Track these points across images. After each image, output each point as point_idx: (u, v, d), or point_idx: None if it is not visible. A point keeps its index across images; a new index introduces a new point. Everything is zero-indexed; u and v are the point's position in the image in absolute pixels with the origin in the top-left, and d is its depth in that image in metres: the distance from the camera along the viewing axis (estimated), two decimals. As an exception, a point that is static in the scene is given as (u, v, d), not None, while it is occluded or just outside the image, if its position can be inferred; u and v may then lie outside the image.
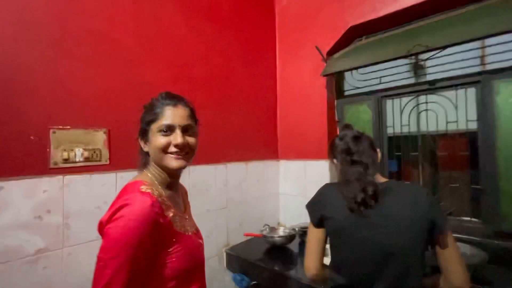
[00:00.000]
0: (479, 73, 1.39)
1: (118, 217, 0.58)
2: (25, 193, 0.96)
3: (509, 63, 1.31)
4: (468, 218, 1.45)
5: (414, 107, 1.64)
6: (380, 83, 1.75)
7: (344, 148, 0.96)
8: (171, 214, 0.67)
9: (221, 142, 1.66)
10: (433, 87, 1.51)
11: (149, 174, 0.73)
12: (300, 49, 1.98)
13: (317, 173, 1.86)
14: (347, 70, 1.73)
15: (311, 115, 1.92)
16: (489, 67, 1.37)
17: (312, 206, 1.00)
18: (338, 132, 1.91)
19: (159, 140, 0.68)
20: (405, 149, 1.70)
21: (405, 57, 1.41)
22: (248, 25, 1.90)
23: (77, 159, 1.08)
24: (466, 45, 1.32)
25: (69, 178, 1.06)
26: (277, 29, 2.14)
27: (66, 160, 1.05)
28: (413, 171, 1.74)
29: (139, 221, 0.58)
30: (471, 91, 1.42)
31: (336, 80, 1.94)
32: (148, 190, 0.64)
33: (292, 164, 2.02)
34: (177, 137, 0.68)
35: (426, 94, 1.58)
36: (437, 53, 1.45)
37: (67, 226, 1.04)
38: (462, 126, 1.46)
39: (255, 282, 1.46)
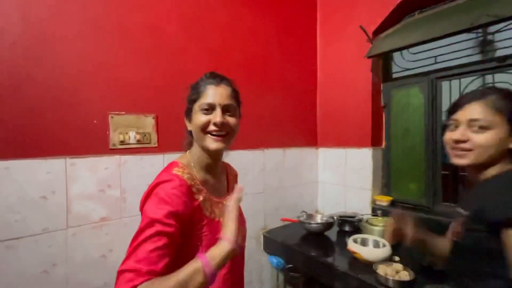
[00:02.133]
0: None
1: (151, 194, 0.64)
2: (90, 169, 1.11)
3: None
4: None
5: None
6: (436, 63, 1.57)
7: None
8: (201, 198, 0.68)
9: (259, 128, 1.68)
10: (503, 63, 1.30)
11: (188, 156, 0.76)
12: (343, 30, 1.87)
13: (358, 161, 1.78)
14: (396, 50, 1.59)
15: (353, 100, 1.82)
16: None
17: None
18: (384, 118, 1.79)
19: (200, 118, 0.69)
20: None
21: (468, 30, 1.24)
22: (288, 7, 1.85)
23: (131, 141, 1.21)
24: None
25: (124, 158, 1.20)
26: (318, 10, 2.04)
27: (122, 142, 1.19)
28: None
29: (169, 199, 0.61)
30: (555, 68, 1.19)
31: (383, 62, 1.79)
32: (179, 173, 0.67)
33: (332, 152, 1.95)
34: (216, 116, 0.68)
35: (493, 74, 1.37)
36: (509, 24, 1.24)
37: (124, 199, 1.19)
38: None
39: (290, 265, 1.49)
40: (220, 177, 0.81)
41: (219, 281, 0.69)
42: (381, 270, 1.10)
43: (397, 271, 1.09)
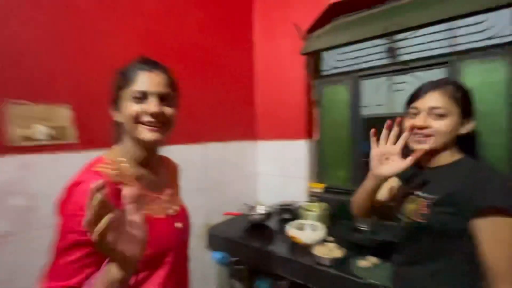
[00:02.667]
0: (449, 54, 1.45)
1: (64, 199, 0.56)
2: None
3: (476, 44, 1.38)
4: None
5: (388, 87, 1.69)
6: (357, 64, 1.77)
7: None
8: None
9: (199, 121, 1.62)
10: (406, 67, 1.56)
11: (117, 150, 0.68)
12: (279, 26, 1.93)
13: (295, 153, 1.89)
14: (326, 49, 1.73)
15: (290, 95, 1.92)
16: (459, 48, 1.43)
17: None
18: (316, 113, 1.94)
19: (131, 107, 0.61)
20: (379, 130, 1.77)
21: (380, 36, 1.43)
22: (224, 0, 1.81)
23: (39, 137, 0.99)
24: (439, 26, 1.36)
25: (30, 158, 0.98)
26: (255, 5, 2.06)
27: (27, 139, 0.97)
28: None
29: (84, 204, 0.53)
30: (442, 72, 1.49)
31: (314, 60, 1.93)
32: (102, 170, 0.59)
33: (271, 145, 2.03)
34: (151, 105, 0.61)
35: (399, 75, 1.62)
36: (412, 33, 1.49)
37: (32, 209, 0.98)
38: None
39: (235, 258, 1.49)
40: (159, 171, 0.74)
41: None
42: (317, 251, 1.20)
43: (330, 250, 1.20)
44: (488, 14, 1.32)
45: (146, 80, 0.62)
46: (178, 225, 0.71)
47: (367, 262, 1.11)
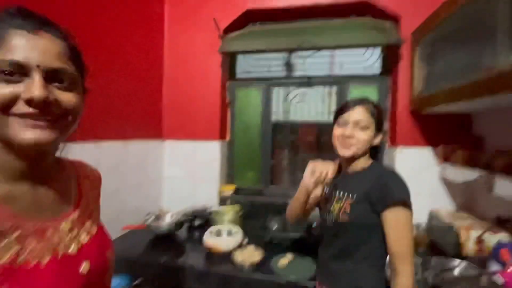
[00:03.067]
0: (339, 77, 1.76)
1: None
2: None
3: (359, 71, 1.74)
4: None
5: (293, 98, 1.88)
6: (269, 72, 1.88)
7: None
8: None
9: (92, 115, 1.26)
10: (309, 81, 1.79)
11: None
12: (195, 18, 1.79)
13: (208, 154, 1.80)
14: (246, 52, 1.76)
15: (203, 93, 1.81)
16: (348, 72, 1.77)
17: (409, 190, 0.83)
18: (229, 114, 1.92)
19: None
20: (285, 135, 1.95)
21: (292, 50, 1.57)
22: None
23: None
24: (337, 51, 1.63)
25: None
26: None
27: None
28: (283, 153, 2.02)
29: None
30: (335, 89, 1.79)
31: (229, 60, 1.91)
32: None
33: (179, 145, 1.85)
34: (31, 86, 0.38)
35: (304, 87, 1.84)
36: (315, 52, 1.72)
37: None
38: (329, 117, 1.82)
39: (139, 280, 1.25)
40: (54, 185, 0.49)
41: None
42: (238, 256, 1.17)
43: (250, 253, 1.20)
44: (367, 50, 1.70)
45: (25, 45, 0.39)
46: (84, 267, 0.47)
47: (285, 259, 1.17)
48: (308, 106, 1.86)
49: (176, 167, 1.85)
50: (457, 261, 1.02)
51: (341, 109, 0.91)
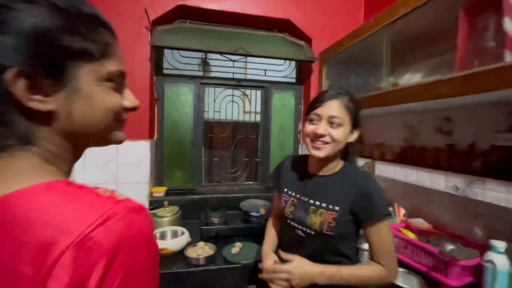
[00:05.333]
0: (266, 81, 1.99)
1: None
2: None
3: (279, 79, 2.02)
4: (251, 182, 2.06)
5: (224, 98, 1.98)
6: (200, 71, 1.90)
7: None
8: None
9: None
10: (238, 84, 1.93)
11: (50, 166, 0.36)
12: (119, 4, 1.58)
13: (135, 155, 1.64)
14: (179, 49, 1.70)
15: (130, 88, 1.63)
16: (271, 78, 2.02)
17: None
18: (156, 110, 1.81)
19: (115, 97, 0.40)
20: (216, 132, 2.02)
21: (229, 54, 1.67)
22: None
23: None
24: (262, 59, 1.84)
25: None
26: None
27: None
28: (212, 151, 2.11)
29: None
30: (260, 93, 2.01)
31: (157, 55, 1.80)
32: (117, 194, 0.36)
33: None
34: (130, 96, 0.44)
35: (233, 89, 1.97)
36: (248, 59, 1.88)
37: None
38: (255, 118, 2.02)
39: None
40: None
41: None
42: (192, 253, 1.19)
43: (202, 249, 1.24)
44: (284, 62, 2.00)
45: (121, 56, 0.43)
46: None
47: (235, 248, 1.27)
48: (238, 106, 2.00)
49: (93, 171, 1.58)
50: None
51: (313, 103, 0.81)
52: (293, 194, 0.90)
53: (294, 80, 2.07)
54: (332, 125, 0.77)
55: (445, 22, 0.99)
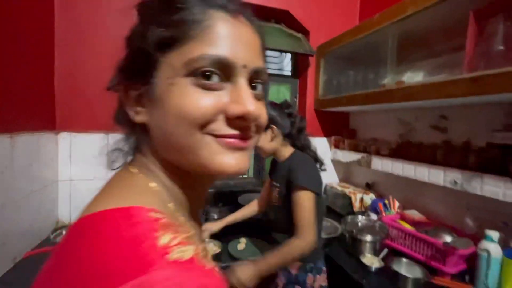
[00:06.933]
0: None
1: None
2: None
3: (274, 71, 1.99)
4: (246, 176, 2.04)
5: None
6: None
7: (304, 126, 1.10)
8: None
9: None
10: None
11: (152, 185, 0.30)
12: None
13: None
14: None
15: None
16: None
17: (319, 176, 1.04)
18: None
19: (194, 98, 0.27)
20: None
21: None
22: None
23: None
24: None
25: None
26: None
27: None
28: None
29: None
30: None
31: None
32: (191, 250, 0.23)
33: (84, 138, 1.46)
34: (242, 96, 0.28)
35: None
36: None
37: None
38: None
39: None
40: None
41: None
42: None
43: (210, 248, 1.20)
44: (281, 54, 1.97)
45: (231, 37, 0.28)
46: None
47: (241, 244, 1.26)
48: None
49: (79, 166, 1.46)
50: (359, 217, 1.47)
51: None
52: (274, 182, 1.14)
53: (289, 73, 2.05)
54: None
55: (453, 23, 1.03)
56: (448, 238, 1.09)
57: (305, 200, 0.96)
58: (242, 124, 0.29)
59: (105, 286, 0.20)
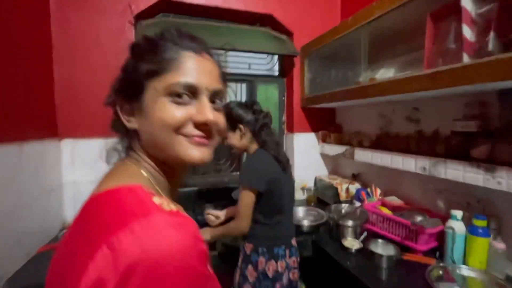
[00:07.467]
0: (250, 75, 2.05)
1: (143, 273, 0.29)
2: None
3: (264, 72, 2.09)
4: (238, 172, 2.15)
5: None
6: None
7: (266, 122, 1.17)
8: None
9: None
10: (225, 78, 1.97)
11: (143, 172, 0.41)
12: (95, 2, 1.53)
13: (125, 152, 1.64)
14: None
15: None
16: (255, 72, 2.08)
17: (260, 174, 1.11)
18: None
19: (170, 110, 0.39)
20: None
21: (217, 48, 1.70)
22: None
23: None
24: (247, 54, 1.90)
25: None
26: None
27: None
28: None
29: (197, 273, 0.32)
30: (244, 86, 2.07)
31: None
32: (173, 206, 0.35)
33: (86, 144, 1.57)
34: (204, 109, 0.40)
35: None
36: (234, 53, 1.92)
37: None
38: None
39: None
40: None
41: None
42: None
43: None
44: (267, 56, 2.07)
45: (196, 68, 0.41)
46: None
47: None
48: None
49: (82, 169, 1.57)
50: (343, 205, 1.58)
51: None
52: None
53: (277, 73, 2.15)
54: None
55: (415, 24, 1.13)
56: (420, 220, 1.20)
57: (242, 196, 1.11)
58: (205, 128, 0.41)
59: (123, 223, 0.31)
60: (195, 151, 0.41)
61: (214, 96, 0.43)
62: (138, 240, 0.30)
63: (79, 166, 1.57)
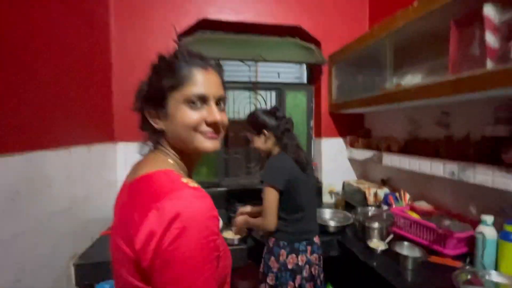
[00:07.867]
0: (279, 83, 2.18)
1: (179, 230, 0.43)
2: None
3: (292, 80, 2.20)
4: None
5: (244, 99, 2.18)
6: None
7: (288, 127, 1.27)
8: None
9: (61, 118, 1.16)
10: (256, 86, 2.12)
11: (170, 161, 0.56)
12: (146, 20, 1.79)
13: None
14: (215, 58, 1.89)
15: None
16: (285, 81, 2.20)
17: (280, 173, 1.20)
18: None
19: (188, 115, 0.53)
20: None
21: (250, 60, 1.86)
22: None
23: None
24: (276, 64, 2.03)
25: None
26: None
27: None
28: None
29: (210, 228, 0.47)
30: (274, 94, 2.20)
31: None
32: (195, 184, 0.50)
33: (135, 147, 1.80)
34: (213, 112, 0.54)
35: (249, 91, 2.16)
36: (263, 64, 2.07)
37: None
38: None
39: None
40: None
41: None
42: (227, 235, 1.41)
43: (237, 231, 1.45)
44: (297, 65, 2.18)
45: (204, 81, 0.54)
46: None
47: (263, 231, 1.48)
48: (255, 106, 2.20)
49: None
50: (369, 208, 1.61)
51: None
52: None
53: (305, 81, 2.25)
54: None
55: (439, 31, 1.16)
56: (447, 224, 1.20)
57: (265, 193, 1.19)
58: (214, 126, 0.56)
59: (164, 195, 0.46)
60: (209, 143, 0.56)
61: (219, 101, 0.57)
62: (175, 205, 0.45)
63: (130, 166, 1.81)
